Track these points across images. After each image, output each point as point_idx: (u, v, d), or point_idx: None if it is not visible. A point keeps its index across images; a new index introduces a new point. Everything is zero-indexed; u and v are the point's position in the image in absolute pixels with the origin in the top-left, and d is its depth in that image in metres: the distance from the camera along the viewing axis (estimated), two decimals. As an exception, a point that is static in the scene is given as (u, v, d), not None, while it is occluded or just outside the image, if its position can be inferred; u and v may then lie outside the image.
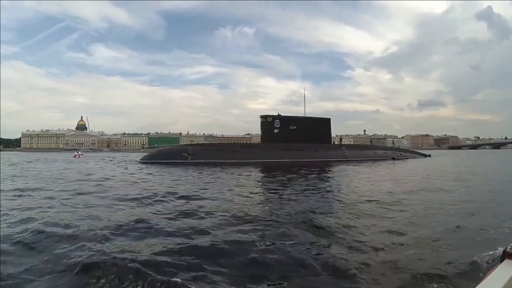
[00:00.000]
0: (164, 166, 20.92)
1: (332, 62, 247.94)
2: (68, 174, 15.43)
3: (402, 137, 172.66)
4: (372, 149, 33.15)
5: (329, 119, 31.05)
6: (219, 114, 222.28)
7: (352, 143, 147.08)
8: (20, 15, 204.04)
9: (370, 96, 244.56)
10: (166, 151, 30.15)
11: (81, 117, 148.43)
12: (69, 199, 7.72)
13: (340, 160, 26.61)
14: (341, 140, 33.73)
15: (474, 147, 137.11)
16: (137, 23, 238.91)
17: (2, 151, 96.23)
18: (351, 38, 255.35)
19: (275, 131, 27.90)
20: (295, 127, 28.03)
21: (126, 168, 19.87)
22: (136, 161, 27.76)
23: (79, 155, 43.93)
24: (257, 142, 32.94)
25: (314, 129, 28.66)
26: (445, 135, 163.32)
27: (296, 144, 26.60)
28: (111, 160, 31.32)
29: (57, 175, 15.09)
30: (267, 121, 28.42)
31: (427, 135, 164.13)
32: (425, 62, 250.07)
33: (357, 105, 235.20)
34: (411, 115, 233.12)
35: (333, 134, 33.68)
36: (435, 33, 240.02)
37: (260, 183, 12.33)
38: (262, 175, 16.20)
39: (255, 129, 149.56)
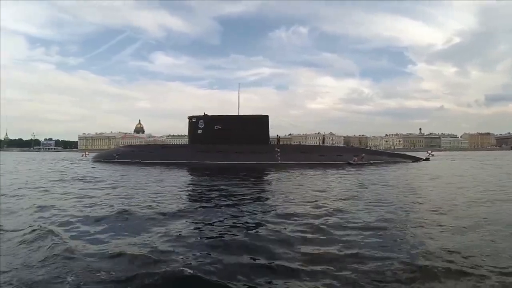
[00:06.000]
0: (97, 163, 26.39)
1: (392, 57, 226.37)
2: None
3: (460, 136, 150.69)
4: (319, 152, 28.53)
5: (267, 116, 28.88)
6: (278, 115, 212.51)
7: (401, 143, 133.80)
8: (83, 30, 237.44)
9: (434, 92, 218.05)
10: (107, 151, 33.38)
11: (139, 120, 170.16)
12: None
13: (268, 163, 23.81)
14: (278, 141, 31.34)
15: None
16: (193, 30, 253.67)
17: (60, 151, 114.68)
18: (410, 30, 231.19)
19: (199, 131, 27.89)
20: (220, 127, 27.41)
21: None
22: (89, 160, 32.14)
23: (85, 155, 51.25)
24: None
25: (244, 129, 26.95)
26: (509, 133, 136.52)
27: (218, 146, 25.75)
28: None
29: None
30: (192, 122, 28.45)
31: (487, 133, 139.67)
32: (491, 53, 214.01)
33: (421, 102, 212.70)
34: (478, 111, 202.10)
35: (376, 134, 31.34)
36: (500, 20, 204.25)
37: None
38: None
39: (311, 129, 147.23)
